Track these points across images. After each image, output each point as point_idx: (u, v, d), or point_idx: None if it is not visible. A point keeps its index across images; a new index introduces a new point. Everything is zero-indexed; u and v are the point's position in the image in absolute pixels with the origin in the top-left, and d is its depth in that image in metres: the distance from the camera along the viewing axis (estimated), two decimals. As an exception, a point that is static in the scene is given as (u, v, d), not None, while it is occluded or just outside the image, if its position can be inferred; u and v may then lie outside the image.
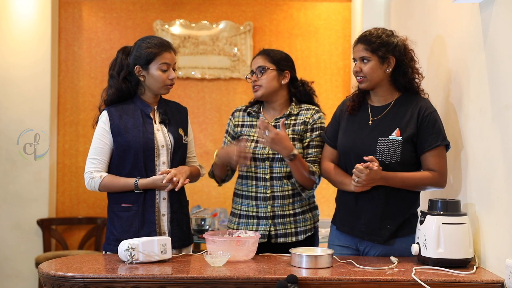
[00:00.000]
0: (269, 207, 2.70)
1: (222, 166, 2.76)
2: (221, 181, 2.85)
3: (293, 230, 2.71)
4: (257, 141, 2.73)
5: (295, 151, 2.58)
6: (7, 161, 5.04)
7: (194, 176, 2.72)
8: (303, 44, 5.39)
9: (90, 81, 5.36)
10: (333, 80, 5.39)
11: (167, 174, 2.52)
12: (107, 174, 2.59)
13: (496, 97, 2.15)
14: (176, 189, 2.54)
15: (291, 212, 2.71)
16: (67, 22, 5.35)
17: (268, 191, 2.70)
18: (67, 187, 5.32)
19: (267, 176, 2.71)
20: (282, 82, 2.78)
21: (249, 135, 2.78)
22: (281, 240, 2.70)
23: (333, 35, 5.41)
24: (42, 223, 5.04)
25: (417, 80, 2.51)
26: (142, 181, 2.54)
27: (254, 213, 2.73)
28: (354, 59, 2.52)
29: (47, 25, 5.15)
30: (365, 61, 2.47)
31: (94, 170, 2.59)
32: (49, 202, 5.14)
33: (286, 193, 2.71)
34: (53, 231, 5.11)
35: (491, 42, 2.20)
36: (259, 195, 2.72)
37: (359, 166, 2.34)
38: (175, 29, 5.36)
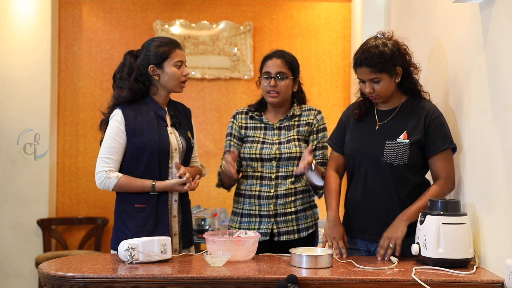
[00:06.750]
0: (271, 205, 2.72)
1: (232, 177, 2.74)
2: (229, 186, 2.85)
3: (295, 227, 2.73)
4: (263, 142, 2.76)
5: (314, 162, 2.60)
6: (7, 161, 5.04)
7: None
8: (303, 44, 5.39)
9: (90, 81, 5.36)
10: (333, 80, 5.39)
11: (184, 175, 2.55)
12: (122, 174, 2.57)
13: (496, 97, 2.15)
14: (193, 190, 2.57)
15: (293, 210, 2.74)
16: (67, 22, 5.35)
17: (272, 190, 2.72)
18: (67, 187, 5.32)
19: (273, 176, 2.73)
20: (294, 89, 2.82)
21: (254, 137, 2.80)
22: (284, 238, 2.72)
23: (333, 35, 5.41)
24: (42, 223, 5.04)
25: (415, 76, 2.51)
26: (160, 184, 2.56)
27: (257, 212, 2.75)
28: (361, 79, 2.46)
29: (47, 25, 5.14)
30: (375, 81, 2.42)
31: (109, 169, 2.56)
32: (49, 202, 5.14)
33: (289, 191, 2.74)
34: (53, 231, 5.11)
35: (491, 42, 2.20)
36: (262, 194, 2.73)
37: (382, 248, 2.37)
38: (175, 29, 5.36)
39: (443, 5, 2.77)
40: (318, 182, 2.70)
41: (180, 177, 2.56)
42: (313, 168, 2.58)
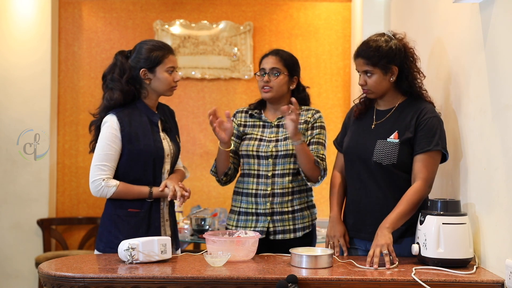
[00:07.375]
0: (268, 203, 2.73)
1: (225, 156, 2.75)
2: (223, 175, 2.82)
3: (291, 227, 2.74)
4: (260, 140, 2.78)
5: (303, 137, 2.64)
6: (7, 161, 5.04)
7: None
8: (303, 44, 5.39)
9: (90, 81, 5.36)
10: (333, 80, 5.39)
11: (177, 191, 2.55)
12: (119, 182, 2.56)
13: (496, 97, 2.15)
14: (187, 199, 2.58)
15: (290, 209, 2.74)
16: (67, 22, 5.35)
17: (269, 188, 2.73)
18: (67, 187, 5.32)
19: (269, 174, 2.74)
20: (291, 87, 2.83)
21: (252, 134, 2.81)
22: (280, 236, 2.72)
23: (333, 35, 5.41)
24: (42, 223, 5.05)
25: (418, 81, 2.49)
26: (157, 192, 2.57)
27: (253, 210, 2.75)
28: (358, 72, 2.50)
29: (47, 25, 5.15)
30: (368, 74, 2.44)
31: (106, 177, 2.53)
32: (49, 202, 5.14)
33: (286, 190, 2.74)
34: (53, 231, 5.11)
35: (491, 42, 2.20)
36: (259, 192, 2.74)
37: None
38: (175, 29, 5.36)
39: (443, 5, 2.77)
40: (309, 164, 2.67)
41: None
42: (301, 136, 2.61)
